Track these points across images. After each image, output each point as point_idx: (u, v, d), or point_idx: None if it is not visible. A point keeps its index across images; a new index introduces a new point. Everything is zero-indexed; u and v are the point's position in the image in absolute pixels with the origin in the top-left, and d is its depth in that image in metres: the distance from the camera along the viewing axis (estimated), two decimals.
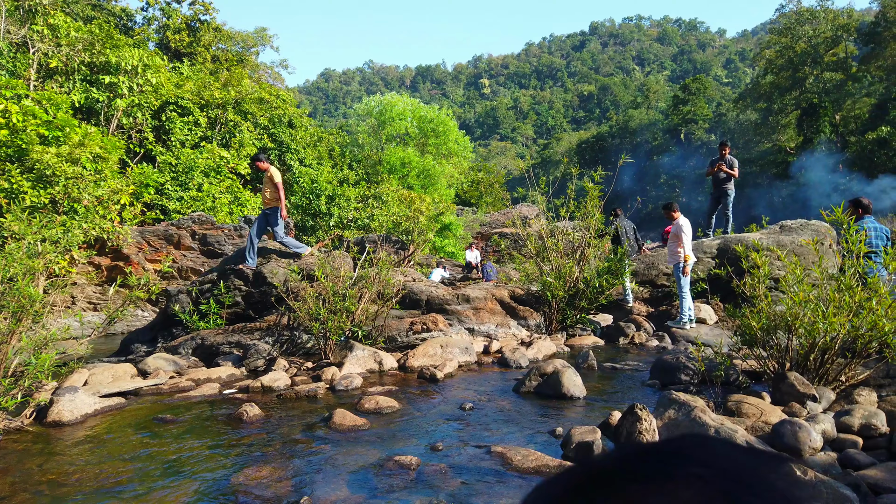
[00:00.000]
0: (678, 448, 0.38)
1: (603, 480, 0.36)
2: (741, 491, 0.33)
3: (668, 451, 0.37)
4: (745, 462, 0.37)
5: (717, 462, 0.36)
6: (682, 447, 0.38)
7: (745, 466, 0.36)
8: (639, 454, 0.38)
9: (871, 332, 4.55)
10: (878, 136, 39.99)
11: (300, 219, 23.42)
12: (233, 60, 32.64)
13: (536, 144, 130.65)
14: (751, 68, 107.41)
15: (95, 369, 6.21)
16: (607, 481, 0.36)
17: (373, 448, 4.03)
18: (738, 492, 0.33)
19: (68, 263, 11.30)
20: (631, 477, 0.36)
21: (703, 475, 0.35)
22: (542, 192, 10.20)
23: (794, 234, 9.59)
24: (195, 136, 20.70)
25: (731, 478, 0.35)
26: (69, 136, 13.12)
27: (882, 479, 3.13)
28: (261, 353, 7.16)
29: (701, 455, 0.36)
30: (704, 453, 0.37)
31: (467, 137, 37.64)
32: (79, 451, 4.19)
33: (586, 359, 6.56)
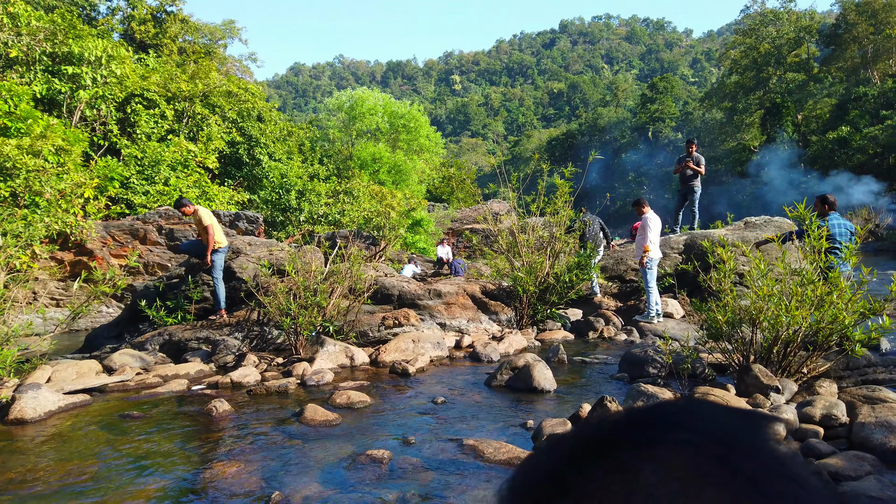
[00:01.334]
0: (667, 413, 0.38)
1: (594, 448, 0.37)
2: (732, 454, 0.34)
3: (658, 417, 0.38)
4: (734, 424, 0.37)
5: (707, 426, 0.36)
6: (671, 412, 0.39)
7: (734, 429, 0.37)
8: (629, 421, 0.38)
9: (831, 325, 4.68)
10: (837, 136, 41.07)
11: (270, 214, 23.15)
12: (200, 53, 32.05)
13: (507, 141, 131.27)
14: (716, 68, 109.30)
15: (59, 366, 6.07)
16: (598, 449, 0.37)
17: (345, 443, 4.02)
18: (729, 455, 0.34)
19: (30, 258, 11.00)
20: (622, 444, 0.36)
21: (694, 440, 0.35)
22: (513, 188, 10.25)
23: (758, 231, 9.81)
24: (161, 130, 20.28)
25: (721, 441, 0.35)
26: (31, 127, 12.75)
27: (842, 468, 3.23)
28: (230, 349, 7.08)
29: (690, 420, 0.37)
30: (694, 418, 0.37)
31: (438, 133, 37.59)
32: (42, 448, 4.10)
33: (557, 353, 6.62)
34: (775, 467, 0.34)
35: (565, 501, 0.34)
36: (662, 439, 0.35)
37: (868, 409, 3.85)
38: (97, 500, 3.20)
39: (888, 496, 2.85)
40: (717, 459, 0.34)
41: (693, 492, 0.32)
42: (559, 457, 0.38)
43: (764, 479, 0.33)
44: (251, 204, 22.96)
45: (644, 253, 8.33)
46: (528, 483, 0.38)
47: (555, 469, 0.37)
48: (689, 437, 0.35)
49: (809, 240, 5.00)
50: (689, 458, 0.34)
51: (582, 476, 0.35)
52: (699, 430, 0.36)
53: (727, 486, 0.32)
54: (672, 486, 0.32)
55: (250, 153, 23.61)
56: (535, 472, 0.39)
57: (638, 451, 0.35)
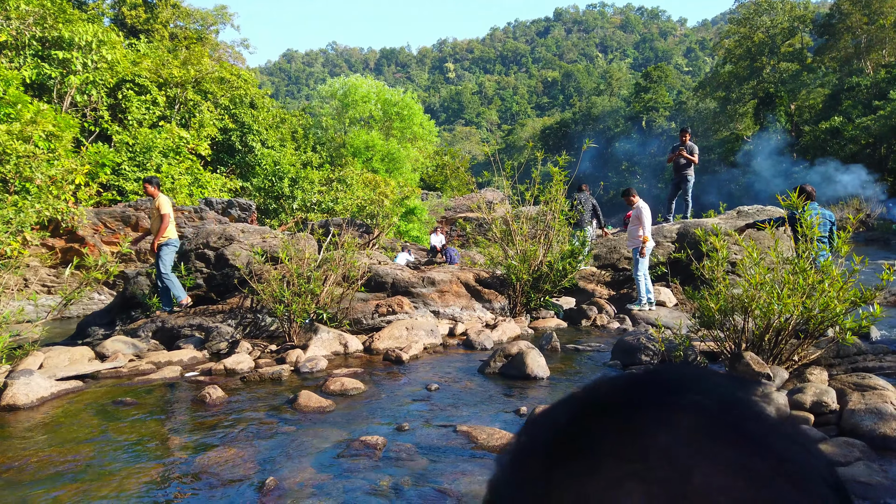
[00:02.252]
0: (671, 377, 0.39)
1: (605, 409, 0.37)
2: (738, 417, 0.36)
3: (663, 381, 0.39)
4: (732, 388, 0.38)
5: (711, 390, 0.37)
6: (675, 376, 0.39)
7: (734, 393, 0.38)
8: (636, 383, 0.39)
9: (822, 313, 4.71)
10: (830, 126, 41.16)
11: (263, 202, 23.05)
12: (192, 38, 31.72)
13: (501, 130, 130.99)
14: (710, 57, 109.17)
15: (51, 352, 6.05)
16: (609, 410, 0.37)
17: (338, 429, 4.03)
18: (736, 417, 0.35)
19: (21, 245, 10.92)
20: (633, 406, 0.37)
21: (702, 403, 0.36)
22: (506, 176, 10.23)
23: (750, 219, 9.84)
24: (153, 116, 20.09)
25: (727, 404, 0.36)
26: (20, 113, 12.62)
27: (832, 454, 3.27)
28: (223, 336, 7.07)
29: (695, 384, 0.38)
30: (697, 382, 0.38)
31: (432, 121, 37.45)
32: (35, 434, 4.10)
33: (550, 340, 6.65)
34: (777, 428, 0.36)
35: (579, 462, 0.35)
36: (672, 402, 0.36)
37: (858, 396, 3.89)
38: (91, 486, 3.20)
39: (877, 481, 2.89)
40: (726, 421, 0.35)
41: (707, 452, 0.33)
42: (570, 418, 0.38)
43: (769, 440, 0.34)
44: (244, 191, 22.85)
45: (643, 244, 8.35)
46: (539, 443, 0.38)
47: (567, 429, 0.37)
48: (698, 399, 0.36)
49: (802, 228, 5.03)
50: (700, 420, 0.35)
51: (596, 437, 0.36)
52: (705, 393, 0.37)
53: (738, 447, 0.33)
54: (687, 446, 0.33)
55: (243, 140, 23.46)
56: (545, 433, 0.39)
57: (649, 412, 0.36)
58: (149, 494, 3.11)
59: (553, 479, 0.35)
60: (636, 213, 8.59)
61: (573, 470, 0.35)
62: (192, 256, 8.43)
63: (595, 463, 0.34)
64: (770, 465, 0.33)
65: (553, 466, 0.36)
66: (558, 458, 0.36)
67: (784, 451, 0.34)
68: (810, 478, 0.34)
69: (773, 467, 0.33)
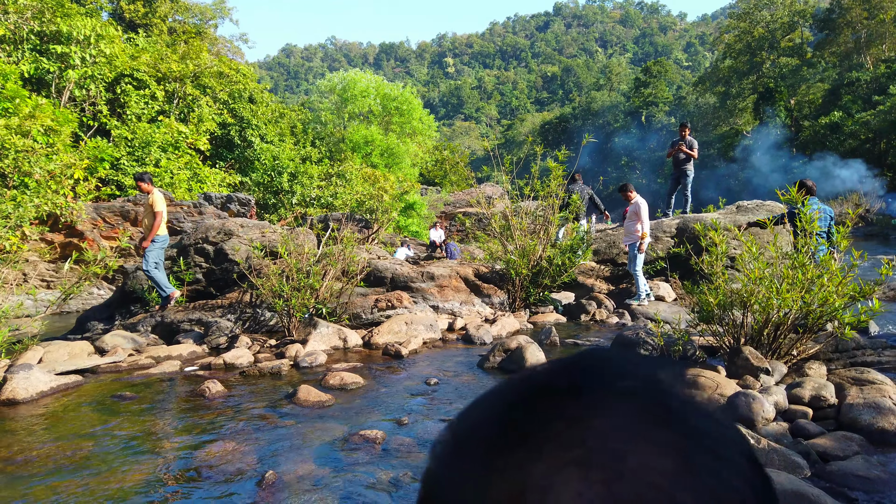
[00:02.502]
0: (601, 362, 0.41)
1: (542, 397, 0.38)
2: (669, 400, 0.37)
3: (595, 366, 0.40)
4: (659, 372, 0.40)
5: (640, 374, 0.39)
6: (605, 361, 0.41)
7: (662, 376, 0.40)
8: (568, 370, 0.40)
9: (821, 307, 4.72)
10: (830, 121, 41.13)
11: (262, 196, 23.04)
12: (191, 33, 31.65)
13: (500, 125, 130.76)
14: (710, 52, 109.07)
15: (51, 347, 6.05)
16: (547, 397, 0.38)
17: (338, 423, 4.04)
18: (668, 401, 0.37)
19: (20, 239, 10.92)
20: (567, 393, 0.38)
21: (634, 388, 0.38)
22: (506, 171, 10.22)
23: (749, 214, 9.84)
24: (152, 110, 20.06)
25: (657, 388, 0.38)
26: (19, 107, 12.60)
27: (830, 448, 3.27)
28: (223, 331, 7.07)
29: (624, 368, 0.40)
30: (626, 366, 0.40)
31: (431, 116, 37.42)
32: (35, 429, 4.10)
33: (549, 335, 6.66)
34: (697, 407, 0.38)
35: (520, 451, 0.35)
36: (605, 388, 0.38)
37: (856, 390, 3.90)
38: (91, 480, 3.21)
39: (875, 475, 2.89)
40: (653, 404, 0.37)
41: (639, 434, 0.34)
42: (508, 406, 0.39)
43: (692, 418, 0.37)
44: (243, 186, 22.83)
45: (641, 239, 8.37)
46: (478, 433, 0.39)
47: (506, 418, 0.38)
48: (628, 384, 0.38)
49: (801, 223, 5.03)
50: (631, 405, 0.36)
51: (535, 425, 0.36)
52: (634, 378, 0.39)
53: (666, 427, 0.35)
54: (621, 430, 0.35)
55: (242, 135, 23.43)
56: (483, 422, 0.39)
57: (585, 399, 0.37)
58: (149, 488, 3.11)
59: (494, 470, 0.36)
60: (633, 209, 8.60)
61: (514, 459, 0.35)
62: (192, 251, 8.42)
63: (536, 451, 0.35)
64: (694, 442, 0.35)
65: (493, 456, 0.36)
66: (499, 448, 0.36)
67: (705, 427, 0.36)
68: (728, 450, 0.36)
69: (697, 443, 0.35)
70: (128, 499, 3.00)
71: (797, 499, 2.36)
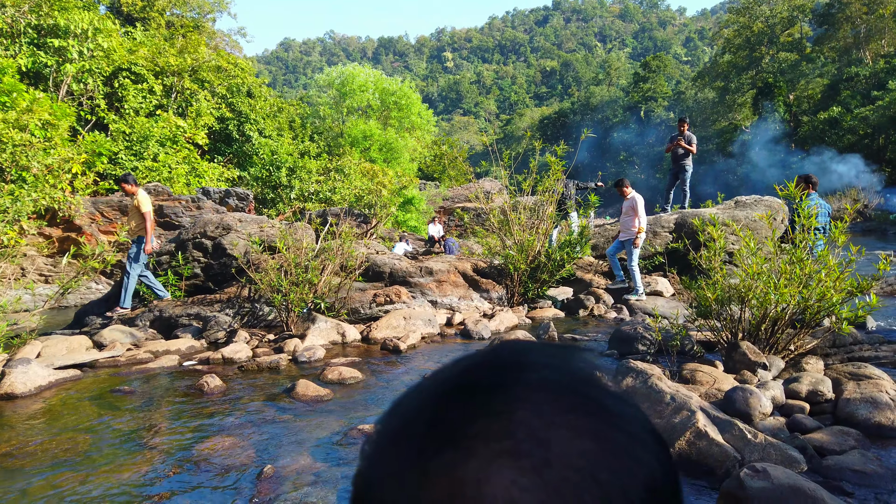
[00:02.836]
0: (515, 354, 0.43)
1: (465, 393, 0.40)
2: (584, 387, 0.40)
3: (509, 359, 0.42)
4: (571, 360, 0.43)
5: (553, 364, 0.42)
6: (518, 353, 0.43)
7: (573, 364, 0.43)
8: (484, 364, 0.42)
9: (819, 303, 4.73)
10: (829, 116, 41.11)
11: (260, 191, 23.00)
12: (188, 27, 31.57)
13: (499, 120, 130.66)
14: (709, 47, 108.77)
15: (49, 341, 6.05)
16: (470, 394, 0.39)
17: (336, 418, 4.04)
18: (582, 388, 0.40)
19: (17, 234, 10.90)
20: (491, 387, 0.39)
21: (550, 378, 0.40)
22: (504, 166, 10.22)
23: (748, 210, 9.84)
24: (150, 105, 20.00)
25: (571, 376, 0.41)
26: (16, 101, 12.55)
27: (827, 442, 3.29)
28: (221, 325, 7.08)
29: (538, 359, 0.42)
30: (539, 357, 0.42)
31: (430, 111, 37.30)
32: (33, 423, 4.11)
33: (547, 330, 6.67)
34: (607, 390, 0.41)
35: (452, 447, 0.37)
36: (524, 379, 0.40)
37: (853, 385, 3.92)
38: (89, 474, 3.21)
39: (871, 469, 2.90)
40: (569, 391, 0.39)
41: (560, 421, 0.37)
42: (436, 403, 0.40)
43: (604, 401, 0.39)
44: (241, 181, 22.79)
45: (638, 234, 8.39)
46: (408, 431, 0.40)
47: (435, 415, 0.39)
48: (545, 374, 0.40)
49: (799, 219, 5.03)
50: (550, 394, 0.39)
51: (464, 421, 0.38)
52: (549, 368, 0.41)
53: (583, 412, 0.38)
54: (543, 419, 0.37)
55: (240, 129, 23.37)
56: (412, 421, 0.40)
57: (508, 392, 0.39)
58: (147, 482, 3.12)
59: (427, 468, 0.37)
60: (630, 204, 8.62)
61: (446, 456, 0.36)
62: (190, 246, 8.41)
63: (466, 447, 0.36)
64: (607, 424, 0.38)
65: (425, 455, 0.37)
66: (429, 447, 0.37)
67: (615, 409, 0.39)
68: (636, 428, 0.39)
69: (610, 424, 0.38)
70: (126, 493, 3.00)
71: (794, 493, 2.37)
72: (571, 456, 0.35)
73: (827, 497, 2.37)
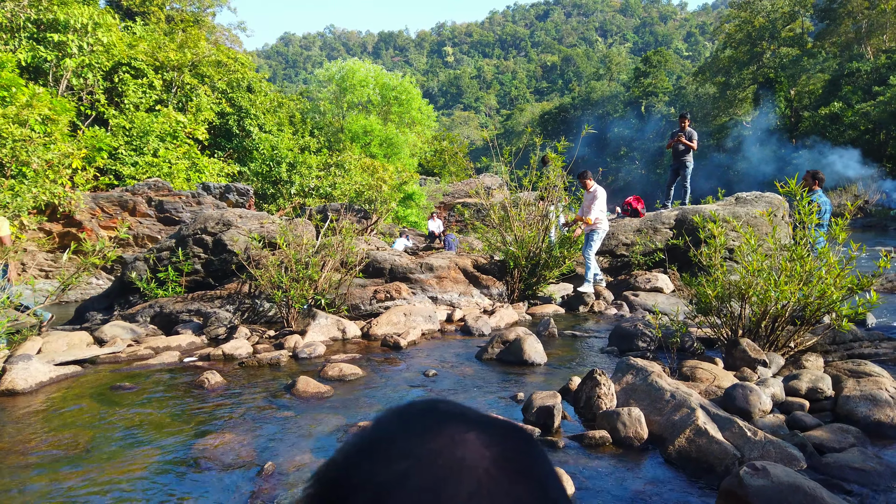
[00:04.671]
0: (425, 409, 0.53)
1: (391, 441, 0.48)
2: (485, 426, 0.49)
3: (422, 410, 0.52)
4: (467, 411, 0.52)
5: (465, 414, 0.51)
6: (427, 408, 0.53)
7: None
8: (403, 414, 0.52)
9: (819, 300, 4.73)
10: (830, 112, 41.05)
11: (260, 186, 22.99)
12: (188, 21, 31.50)
13: (500, 115, 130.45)
14: (710, 42, 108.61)
15: (49, 337, 6.06)
16: (397, 440, 0.48)
17: (336, 414, 4.05)
18: (486, 427, 0.49)
19: (18, 229, 10.90)
20: (418, 433, 0.48)
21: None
22: (505, 162, 10.20)
23: (749, 206, 9.84)
24: (150, 100, 19.98)
25: (476, 421, 0.50)
26: (16, 96, 12.54)
27: (826, 440, 3.29)
28: (221, 322, 7.08)
29: (447, 409, 0.52)
30: (451, 407, 0.52)
31: (431, 106, 37.27)
32: (34, 419, 4.11)
33: (547, 326, 6.67)
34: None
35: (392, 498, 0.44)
36: (443, 426, 0.49)
37: (853, 382, 3.92)
38: (90, 471, 3.22)
39: (870, 467, 2.91)
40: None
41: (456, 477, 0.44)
42: (358, 462, 0.48)
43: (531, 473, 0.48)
44: (241, 176, 22.78)
45: (585, 224, 8.54)
46: (336, 484, 0.48)
47: (358, 475, 0.47)
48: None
49: (799, 215, 5.03)
50: (472, 437, 0.48)
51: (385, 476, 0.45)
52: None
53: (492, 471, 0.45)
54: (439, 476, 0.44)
55: (240, 124, 23.36)
56: (342, 477, 0.48)
57: (432, 437, 0.48)
58: (148, 479, 3.13)
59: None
60: (592, 196, 8.73)
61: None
62: (190, 242, 8.42)
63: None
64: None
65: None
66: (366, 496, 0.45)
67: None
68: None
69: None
70: (127, 489, 3.01)
71: (793, 491, 2.37)
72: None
73: (826, 495, 2.38)
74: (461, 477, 0.44)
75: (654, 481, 2.97)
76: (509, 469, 0.46)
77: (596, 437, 3.41)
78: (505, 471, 0.45)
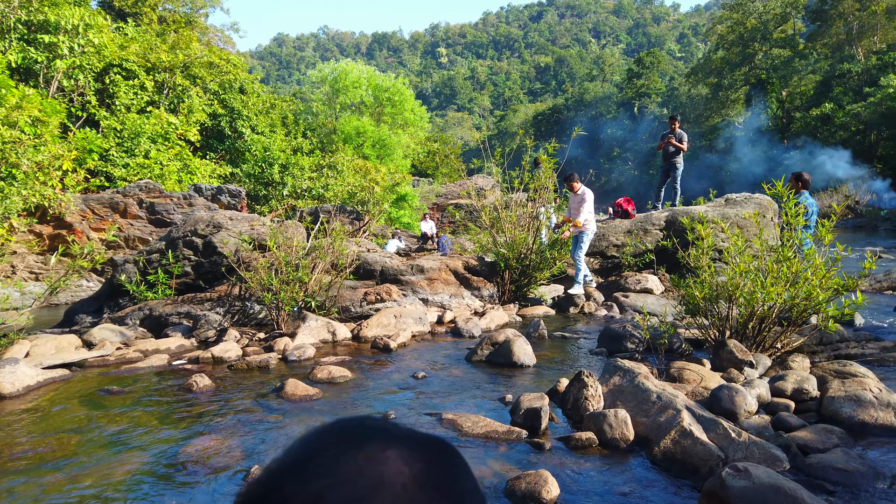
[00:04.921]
0: (350, 427, 0.54)
1: (310, 460, 0.49)
2: (414, 444, 0.51)
3: (346, 427, 0.54)
4: (395, 427, 0.54)
5: (388, 431, 0.53)
6: (356, 426, 0.54)
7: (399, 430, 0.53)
8: (327, 433, 0.53)
9: (806, 301, 4.76)
10: (821, 113, 41.29)
11: (253, 188, 22.93)
12: (180, 22, 31.38)
13: (493, 116, 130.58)
14: (703, 43, 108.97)
15: (38, 340, 6.03)
16: (329, 454, 0.49)
17: (325, 417, 4.05)
18: (414, 444, 0.51)
19: (7, 231, 10.84)
20: (339, 452, 0.49)
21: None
22: (497, 163, 10.22)
23: (738, 207, 9.88)
24: (141, 101, 19.89)
25: (399, 437, 0.52)
26: (6, 98, 12.47)
27: (811, 440, 3.31)
28: (211, 324, 7.06)
29: (372, 425, 0.54)
30: (374, 424, 0.54)
31: (424, 107, 37.21)
32: (20, 423, 4.10)
33: (537, 328, 6.68)
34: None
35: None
36: (371, 441, 0.50)
37: (838, 383, 3.94)
38: (77, 475, 3.21)
39: (853, 467, 2.93)
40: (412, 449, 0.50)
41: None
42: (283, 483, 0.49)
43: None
44: (233, 177, 22.72)
45: (576, 226, 8.58)
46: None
47: (279, 495, 0.48)
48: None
49: (786, 217, 5.06)
50: (401, 452, 0.49)
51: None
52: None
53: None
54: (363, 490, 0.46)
55: (232, 126, 23.29)
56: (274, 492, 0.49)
57: (360, 451, 0.49)
58: (135, 483, 3.12)
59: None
60: (579, 199, 8.75)
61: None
62: (180, 244, 8.39)
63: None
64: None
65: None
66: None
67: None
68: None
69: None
70: (113, 494, 3.00)
71: (775, 492, 2.39)
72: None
73: (807, 496, 2.40)
74: (378, 495, 0.45)
75: (639, 483, 2.99)
76: (427, 486, 0.47)
77: (583, 439, 3.43)
78: (423, 488, 0.46)
